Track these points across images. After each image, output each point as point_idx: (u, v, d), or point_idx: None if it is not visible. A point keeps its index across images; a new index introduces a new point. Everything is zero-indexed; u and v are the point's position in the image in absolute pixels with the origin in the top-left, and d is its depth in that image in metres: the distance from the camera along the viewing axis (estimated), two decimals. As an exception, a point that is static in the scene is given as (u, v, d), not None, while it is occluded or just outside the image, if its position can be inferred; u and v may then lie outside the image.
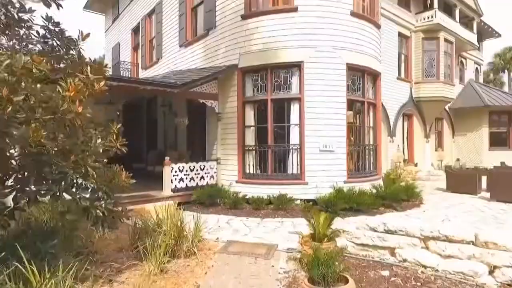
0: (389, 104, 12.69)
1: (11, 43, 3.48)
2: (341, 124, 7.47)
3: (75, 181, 3.05)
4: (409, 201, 7.64)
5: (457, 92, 16.48)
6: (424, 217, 6.32)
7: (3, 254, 2.78)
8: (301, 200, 7.02)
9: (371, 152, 8.37)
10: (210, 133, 8.75)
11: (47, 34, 3.26)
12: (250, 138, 7.84)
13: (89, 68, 2.79)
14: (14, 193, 3.16)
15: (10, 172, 3.27)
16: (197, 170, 7.96)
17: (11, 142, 2.90)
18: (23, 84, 2.37)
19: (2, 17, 3.23)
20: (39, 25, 3.24)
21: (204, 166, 8.16)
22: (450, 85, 14.28)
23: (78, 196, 2.99)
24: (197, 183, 7.90)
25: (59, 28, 3.30)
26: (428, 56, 13.91)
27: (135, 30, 13.81)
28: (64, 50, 3.47)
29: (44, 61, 2.68)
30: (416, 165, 14.02)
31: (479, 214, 6.63)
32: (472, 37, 15.81)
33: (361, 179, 7.72)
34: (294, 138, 7.44)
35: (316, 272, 2.68)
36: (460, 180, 9.42)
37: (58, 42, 3.28)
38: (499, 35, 19.09)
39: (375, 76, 8.42)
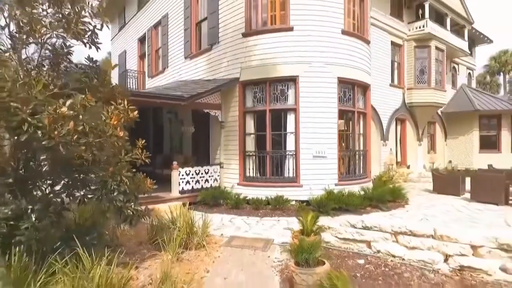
0: (382, 110, 13.51)
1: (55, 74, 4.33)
2: (332, 132, 8.30)
3: (112, 187, 3.89)
4: (395, 201, 8.46)
5: (450, 97, 17.33)
6: (406, 216, 7.13)
7: (58, 243, 3.63)
8: (296, 201, 7.87)
9: (361, 157, 9.21)
10: (214, 139, 9.61)
11: (87, 70, 4.11)
12: (250, 145, 8.69)
13: (125, 101, 3.65)
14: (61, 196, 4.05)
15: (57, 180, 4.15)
16: (202, 174, 8.82)
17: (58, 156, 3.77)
18: (80, 116, 3.23)
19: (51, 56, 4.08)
20: (82, 63, 4.10)
21: (208, 170, 9.02)
22: (441, 91, 15.10)
23: (115, 199, 3.84)
24: (202, 186, 8.76)
25: (96, 65, 4.16)
26: (420, 63, 14.74)
27: (141, 40, 14.68)
28: (98, 80, 4.32)
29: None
30: (408, 167, 14.86)
31: (456, 214, 7.44)
32: (463, 44, 16.63)
33: (351, 182, 8.56)
34: (290, 145, 8.28)
35: (300, 257, 3.53)
36: (445, 182, 10.25)
37: (96, 75, 4.13)
38: (491, 41, 19.91)
39: (365, 87, 9.25)
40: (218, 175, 9.14)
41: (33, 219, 3.38)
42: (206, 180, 8.90)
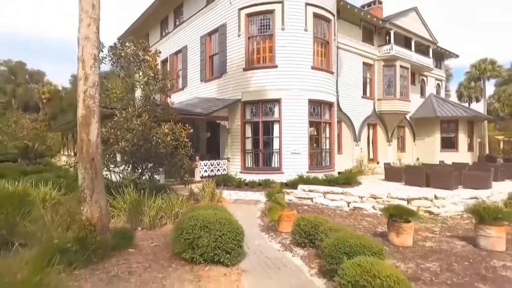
0: (355, 117, 17.90)
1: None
2: (305, 136, 12.72)
3: (178, 165, 8.35)
4: (350, 184, 12.79)
5: (418, 105, 21.68)
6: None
7: (156, 191, 8.11)
8: (278, 182, 12.26)
9: (327, 154, 13.65)
10: (223, 141, 14.09)
11: (164, 107, 8.61)
12: (248, 145, 13.14)
13: (188, 125, 8.13)
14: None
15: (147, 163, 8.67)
16: (215, 165, 13.30)
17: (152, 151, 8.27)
18: (170, 132, 7.70)
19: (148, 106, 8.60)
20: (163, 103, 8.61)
21: (219, 162, 13.50)
22: (406, 101, 19.45)
23: (180, 171, 8.33)
24: (215, 173, 13.24)
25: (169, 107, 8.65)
26: (387, 79, 19.11)
27: (164, 61, 19.20)
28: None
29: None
30: (378, 163, 19.21)
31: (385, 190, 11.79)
32: (427, 61, 20.98)
33: (318, 171, 12.98)
34: (275, 145, 12.72)
35: (268, 198, 8.00)
36: (392, 173, 14.60)
37: (167, 110, 8.63)
38: (457, 56, 24.22)
39: (330, 105, 13.68)
40: (226, 166, 13.61)
41: (147, 178, 7.88)
42: (218, 170, 13.39)
